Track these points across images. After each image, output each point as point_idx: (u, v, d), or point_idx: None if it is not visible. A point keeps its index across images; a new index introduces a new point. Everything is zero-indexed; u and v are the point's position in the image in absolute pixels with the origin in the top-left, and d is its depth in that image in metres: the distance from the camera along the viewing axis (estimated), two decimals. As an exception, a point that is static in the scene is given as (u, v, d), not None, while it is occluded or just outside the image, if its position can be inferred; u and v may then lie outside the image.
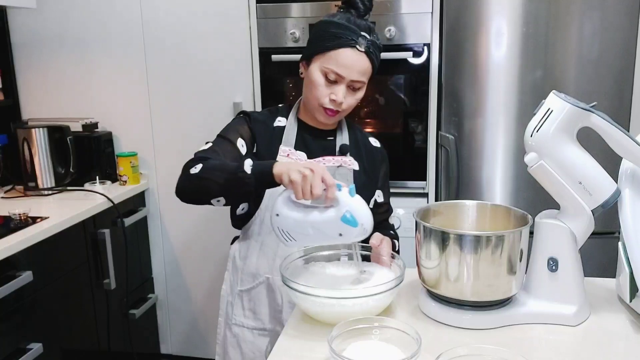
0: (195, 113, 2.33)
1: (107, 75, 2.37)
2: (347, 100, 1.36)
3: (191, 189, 1.27)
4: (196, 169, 1.24)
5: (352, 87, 1.36)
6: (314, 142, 1.43)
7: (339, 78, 1.33)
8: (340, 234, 1.10)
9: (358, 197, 1.10)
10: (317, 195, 1.08)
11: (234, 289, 1.45)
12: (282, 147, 1.38)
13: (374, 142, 1.54)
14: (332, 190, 1.08)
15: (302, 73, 1.42)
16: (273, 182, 1.15)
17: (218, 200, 1.24)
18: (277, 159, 1.36)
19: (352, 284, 1.15)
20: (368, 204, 1.45)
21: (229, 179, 1.19)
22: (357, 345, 0.95)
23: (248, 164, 1.18)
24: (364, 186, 1.44)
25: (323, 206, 1.10)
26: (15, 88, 2.44)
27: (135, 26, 2.30)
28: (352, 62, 1.31)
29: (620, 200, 1.09)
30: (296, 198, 1.10)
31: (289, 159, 1.36)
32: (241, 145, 1.37)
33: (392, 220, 1.57)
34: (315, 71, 1.34)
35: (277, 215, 1.13)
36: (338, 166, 1.41)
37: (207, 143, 1.37)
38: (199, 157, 1.29)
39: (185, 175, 1.26)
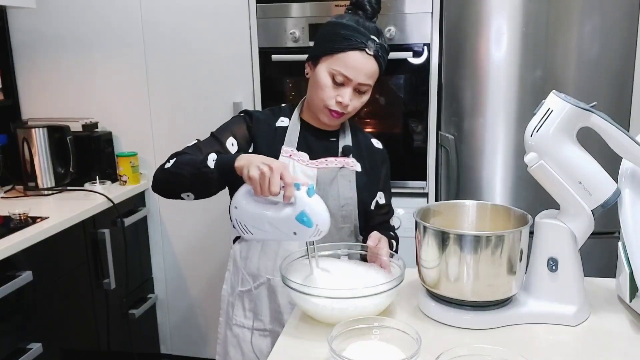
0: (195, 113, 2.33)
1: (107, 75, 2.38)
2: (353, 102, 1.35)
3: (162, 182, 1.30)
4: (169, 163, 1.27)
5: (358, 90, 1.35)
6: (317, 142, 1.43)
7: (346, 80, 1.32)
8: (295, 233, 1.10)
9: (316, 197, 1.10)
10: (274, 193, 1.08)
11: (234, 289, 1.44)
12: (284, 148, 1.38)
13: (376, 143, 1.54)
14: (290, 190, 1.08)
15: (307, 73, 1.41)
16: (237, 176, 1.16)
17: (188, 195, 1.26)
18: (279, 160, 1.36)
19: (301, 280, 1.13)
20: (369, 205, 1.45)
21: (193, 173, 1.21)
22: (357, 345, 0.95)
23: (212, 158, 1.20)
24: (365, 187, 1.44)
25: (282, 203, 1.11)
26: (15, 88, 2.44)
27: (135, 26, 2.30)
28: (361, 65, 1.31)
29: (620, 200, 1.09)
30: (255, 194, 1.11)
31: (290, 159, 1.36)
32: (231, 144, 1.36)
33: (392, 220, 1.57)
34: (322, 72, 1.34)
35: (236, 207, 1.15)
36: (341, 167, 1.40)
37: (196, 140, 1.37)
38: (176, 153, 1.31)
39: (159, 168, 1.30)
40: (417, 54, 2.05)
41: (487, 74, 1.99)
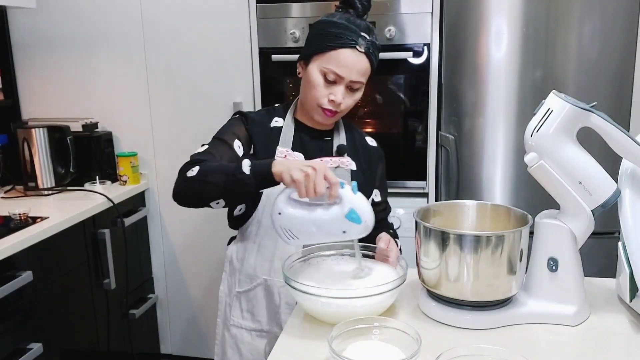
0: (195, 113, 2.33)
1: (107, 75, 2.38)
2: (346, 100, 1.35)
3: (189, 193, 1.26)
4: (193, 172, 1.23)
5: (350, 88, 1.35)
6: (311, 142, 1.43)
7: (338, 78, 1.32)
8: (344, 231, 1.10)
9: (360, 194, 1.10)
10: (321, 193, 1.08)
11: (231, 290, 1.44)
12: (279, 148, 1.38)
13: (371, 141, 1.54)
14: (336, 188, 1.08)
15: (299, 73, 1.41)
16: (273, 182, 1.15)
17: (217, 203, 1.24)
18: (287, 159, 1.36)
19: (352, 278, 1.15)
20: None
21: (228, 181, 1.19)
22: (357, 345, 0.95)
23: (246, 164, 1.18)
24: (361, 186, 1.43)
25: (326, 203, 1.10)
26: (15, 88, 2.44)
27: (136, 26, 2.30)
28: (352, 62, 1.31)
29: (620, 200, 1.09)
30: (299, 197, 1.10)
31: (297, 160, 1.36)
32: (238, 146, 1.36)
33: (392, 220, 1.57)
34: (314, 71, 1.34)
35: (280, 214, 1.13)
36: (336, 167, 1.40)
37: (202, 145, 1.36)
38: (195, 160, 1.28)
39: (182, 178, 1.25)
40: (417, 54, 2.05)
41: (487, 74, 1.99)
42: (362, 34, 1.31)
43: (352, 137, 1.49)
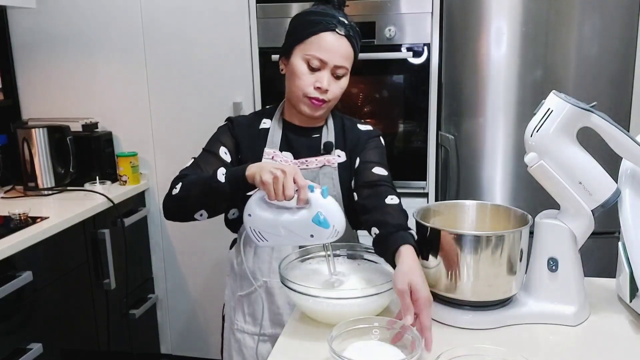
0: (195, 113, 2.33)
1: (107, 75, 2.38)
2: (332, 88, 1.33)
3: (175, 209, 1.28)
4: (176, 188, 1.25)
5: (335, 75, 1.33)
6: (299, 141, 1.40)
7: (322, 64, 1.31)
8: (312, 235, 1.10)
9: (330, 199, 1.10)
10: (289, 196, 1.07)
11: (234, 293, 1.44)
12: (266, 150, 1.37)
13: (363, 127, 1.47)
14: (304, 192, 1.08)
15: (282, 70, 1.40)
16: (248, 186, 1.15)
17: (201, 215, 1.25)
18: (263, 161, 1.35)
19: (322, 285, 1.14)
20: (349, 186, 1.40)
21: (204, 191, 1.20)
22: (357, 345, 0.95)
23: (221, 172, 1.19)
24: (344, 168, 1.39)
25: (295, 207, 1.10)
26: (15, 88, 2.44)
27: (136, 26, 2.30)
28: (334, 46, 1.30)
29: (620, 200, 1.09)
30: (269, 199, 1.11)
31: (272, 161, 1.35)
32: (224, 153, 1.36)
33: (393, 198, 1.36)
34: (297, 61, 1.32)
35: (249, 215, 1.14)
36: (321, 166, 1.38)
37: (192, 159, 1.36)
38: (180, 176, 1.30)
39: (168, 196, 1.28)
40: (417, 54, 2.05)
41: (487, 73, 1.99)
42: (341, 18, 1.31)
43: (341, 125, 1.44)
